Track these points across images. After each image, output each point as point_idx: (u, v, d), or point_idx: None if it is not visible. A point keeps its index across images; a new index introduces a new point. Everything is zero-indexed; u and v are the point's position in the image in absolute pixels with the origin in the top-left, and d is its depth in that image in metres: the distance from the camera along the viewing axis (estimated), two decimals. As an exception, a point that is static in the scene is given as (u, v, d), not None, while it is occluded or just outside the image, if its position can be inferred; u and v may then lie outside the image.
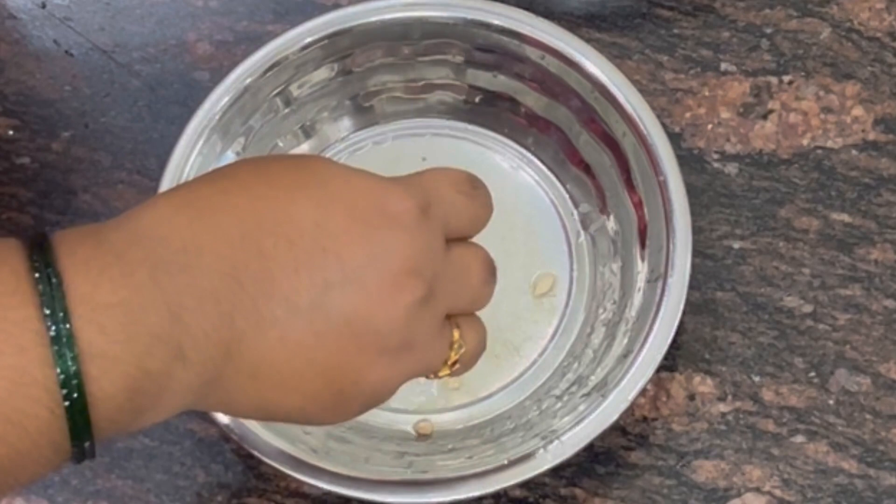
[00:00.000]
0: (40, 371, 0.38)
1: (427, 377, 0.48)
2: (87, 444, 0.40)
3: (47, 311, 0.38)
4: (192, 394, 0.42)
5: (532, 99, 0.64)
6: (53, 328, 0.38)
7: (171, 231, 0.42)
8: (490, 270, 0.49)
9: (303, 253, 0.43)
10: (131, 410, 0.41)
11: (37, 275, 0.39)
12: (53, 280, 0.39)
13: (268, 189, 0.44)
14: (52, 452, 0.40)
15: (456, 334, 0.48)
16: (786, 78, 0.67)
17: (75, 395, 0.39)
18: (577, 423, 0.56)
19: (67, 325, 0.38)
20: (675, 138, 0.65)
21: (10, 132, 0.67)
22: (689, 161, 0.65)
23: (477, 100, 0.66)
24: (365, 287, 0.43)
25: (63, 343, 0.38)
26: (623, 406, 0.56)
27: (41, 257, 0.39)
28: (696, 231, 0.60)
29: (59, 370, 0.38)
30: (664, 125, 0.62)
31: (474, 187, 0.48)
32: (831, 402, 0.61)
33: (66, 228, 0.41)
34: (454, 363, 0.48)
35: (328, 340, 0.43)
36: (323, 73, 0.64)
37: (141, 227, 0.42)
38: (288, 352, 0.43)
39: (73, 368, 0.38)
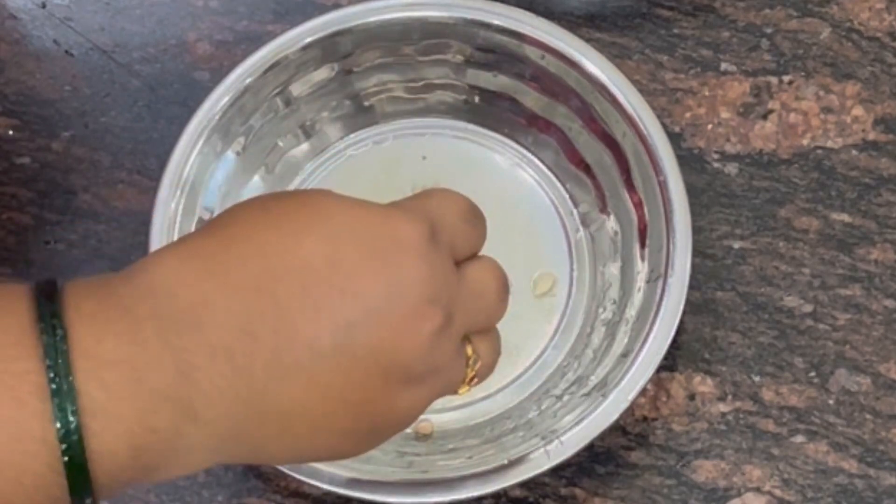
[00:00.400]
0: (39, 425, 0.38)
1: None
2: (87, 501, 0.39)
3: (49, 363, 0.38)
4: (211, 451, 0.41)
5: (532, 99, 0.64)
6: (55, 382, 0.38)
7: (179, 286, 0.41)
8: (504, 284, 0.48)
9: (320, 296, 0.41)
10: (138, 468, 0.40)
11: (41, 325, 0.38)
12: (58, 332, 0.38)
13: (274, 234, 0.42)
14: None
15: (469, 350, 0.47)
16: (786, 78, 0.67)
17: (75, 450, 0.38)
18: (577, 423, 0.56)
19: (70, 379, 0.38)
20: (675, 138, 0.65)
21: (10, 132, 0.67)
22: (689, 161, 0.65)
23: (477, 99, 0.66)
24: (387, 321, 0.42)
25: (64, 397, 0.38)
26: (623, 406, 0.56)
27: (48, 308, 0.39)
28: (696, 231, 0.60)
29: (58, 425, 0.37)
30: (664, 125, 0.62)
31: (476, 216, 0.48)
32: (831, 401, 0.61)
33: (75, 280, 0.41)
34: (472, 378, 0.47)
35: (357, 378, 0.42)
36: (323, 73, 0.64)
37: (148, 281, 0.41)
38: (318, 395, 0.42)
39: (74, 423, 0.38)
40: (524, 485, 0.59)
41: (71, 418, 0.38)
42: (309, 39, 0.62)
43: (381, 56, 0.64)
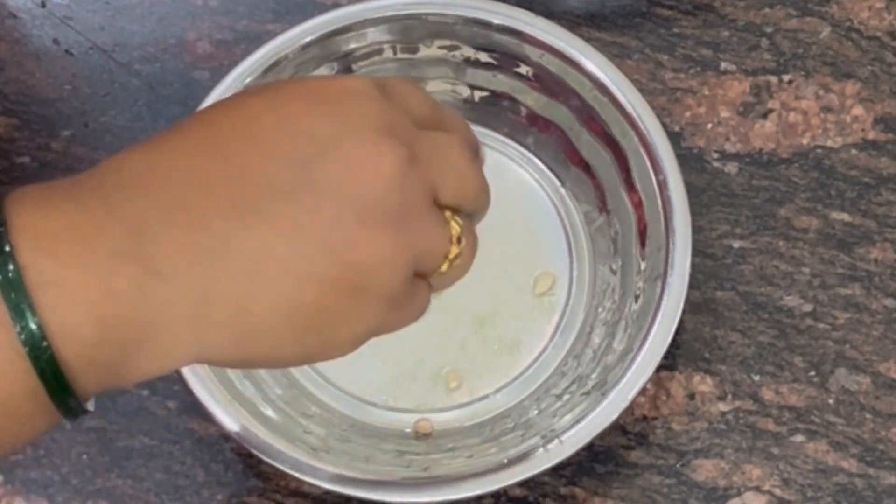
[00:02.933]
0: None
1: (429, 276, 0.45)
2: (69, 395, 0.37)
3: None
4: (189, 324, 0.39)
5: (532, 98, 0.64)
6: None
7: (126, 163, 0.40)
8: (472, 148, 0.46)
9: (270, 143, 0.40)
10: (113, 345, 0.37)
11: None
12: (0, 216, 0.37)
13: (221, 108, 0.42)
14: (34, 406, 0.37)
15: (456, 229, 0.44)
16: (786, 77, 0.67)
17: (32, 327, 0.36)
18: (577, 423, 0.56)
19: (9, 255, 0.36)
20: (674, 137, 0.65)
21: (10, 131, 0.67)
22: (689, 160, 0.65)
23: (477, 99, 0.66)
24: (344, 154, 0.40)
25: (8, 272, 0.36)
26: (623, 405, 0.56)
27: None
28: (696, 230, 0.60)
29: (7, 304, 0.36)
30: (664, 124, 0.62)
31: (431, 100, 0.46)
32: (831, 401, 0.61)
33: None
34: (456, 257, 0.44)
35: (325, 217, 0.40)
36: (323, 73, 0.64)
37: (93, 170, 0.40)
38: (286, 239, 0.39)
39: (23, 297, 0.36)
40: (524, 484, 0.59)
41: (19, 292, 0.36)
42: (308, 39, 0.62)
43: (381, 55, 0.64)
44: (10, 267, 0.36)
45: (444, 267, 0.45)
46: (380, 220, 0.41)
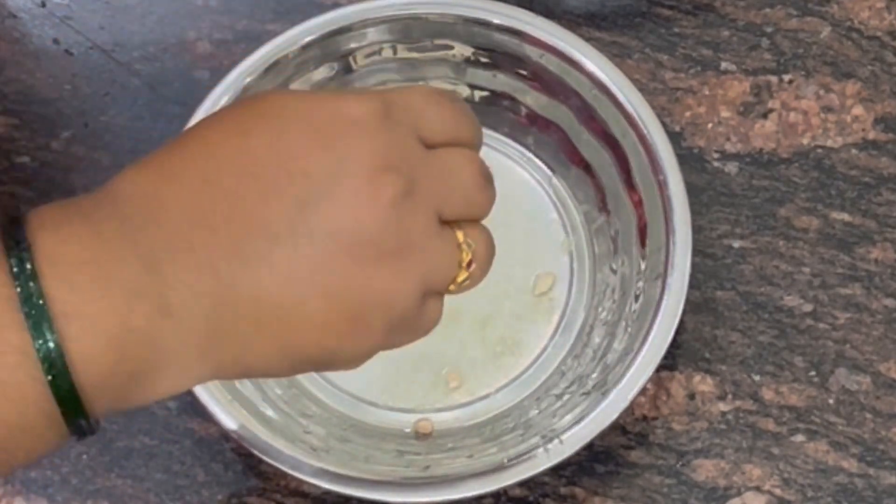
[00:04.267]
0: (16, 336, 0.37)
1: (448, 290, 0.45)
2: (81, 417, 0.39)
3: (15, 269, 0.37)
4: (198, 356, 0.41)
5: (532, 98, 0.64)
6: (22, 287, 0.37)
7: (134, 189, 0.41)
8: (484, 174, 0.46)
9: (268, 181, 0.41)
10: (125, 376, 0.39)
11: (5, 239, 0.38)
12: (21, 243, 0.38)
13: (221, 134, 0.42)
14: (46, 426, 0.39)
15: (460, 235, 0.45)
16: (786, 77, 0.67)
17: (54, 356, 0.37)
18: (577, 423, 0.56)
19: (37, 284, 0.37)
20: (674, 137, 0.65)
21: (10, 131, 0.67)
22: (689, 160, 0.65)
23: (477, 99, 0.66)
24: (339, 195, 0.41)
25: (34, 303, 0.37)
26: (623, 405, 0.56)
27: (13, 229, 0.39)
28: (696, 230, 0.60)
29: (32, 332, 0.37)
30: (664, 124, 0.62)
31: (444, 98, 0.46)
32: (831, 401, 0.61)
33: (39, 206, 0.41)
34: (469, 263, 0.45)
35: (320, 261, 0.41)
36: (323, 73, 0.64)
37: (106, 190, 0.41)
38: (283, 282, 0.41)
39: (47, 326, 0.37)
40: (524, 484, 0.59)
41: (44, 323, 0.37)
42: (309, 38, 0.62)
43: (381, 55, 0.64)
44: (38, 297, 0.38)
45: (461, 277, 0.45)
46: (377, 257, 0.42)
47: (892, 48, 0.67)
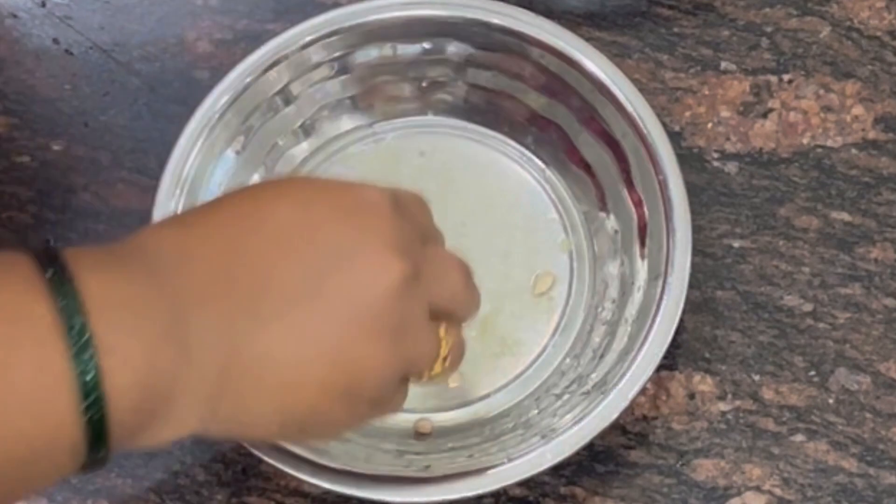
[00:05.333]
0: (60, 363, 0.39)
1: (420, 379, 0.50)
2: (101, 449, 0.40)
3: (62, 304, 0.39)
4: (202, 406, 0.43)
5: (532, 98, 0.64)
6: (68, 321, 0.39)
7: (164, 244, 0.44)
8: (467, 275, 0.51)
9: (291, 247, 0.44)
10: (145, 412, 0.41)
11: (48, 275, 0.40)
12: (66, 278, 0.40)
13: (251, 204, 0.46)
14: (69, 454, 0.40)
15: (442, 330, 0.49)
16: (786, 77, 0.67)
17: (91, 385, 0.39)
18: (577, 422, 0.56)
19: (82, 318, 0.39)
20: (674, 137, 0.65)
21: (10, 131, 0.67)
22: (689, 160, 0.65)
23: (477, 98, 0.66)
24: (357, 266, 0.45)
25: (79, 335, 0.39)
26: (623, 405, 0.56)
27: (50, 262, 0.40)
28: (696, 230, 0.60)
29: (74, 360, 0.39)
30: (664, 124, 0.62)
31: (429, 211, 0.51)
32: (831, 400, 0.61)
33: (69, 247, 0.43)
34: (445, 358, 0.50)
35: (334, 326, 0.44)
36: (323, 72, 0.64)
37: (137, 241, 0.44)
38: (294, 342, 0.44)
39: (90, 357, 0.39)
40: (524, 483, 0.59)
41: (87, 354, 0.39)
42: (309, 38, 0.62)
43: (381, 55, 0.64)
44: (83, 330, 0.39)
45: (437, 368, 0.50)
46: (380, 331, 0.45)
47: (892, 48, 0.67)
